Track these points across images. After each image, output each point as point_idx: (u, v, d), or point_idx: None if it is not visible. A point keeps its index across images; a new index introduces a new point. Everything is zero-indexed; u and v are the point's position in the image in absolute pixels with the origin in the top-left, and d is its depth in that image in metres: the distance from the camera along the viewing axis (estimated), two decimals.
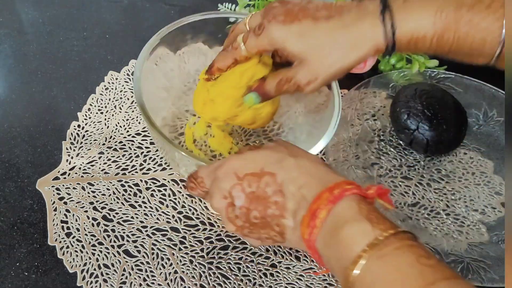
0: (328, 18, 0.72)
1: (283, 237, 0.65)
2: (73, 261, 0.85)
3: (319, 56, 0.73)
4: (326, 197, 0.59)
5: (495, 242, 0.92)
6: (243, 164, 0.66)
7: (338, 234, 0.56)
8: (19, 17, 1.27)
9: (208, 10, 1.26)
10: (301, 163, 0.65)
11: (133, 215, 0.91)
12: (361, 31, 0.70)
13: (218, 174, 0.67)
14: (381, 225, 0.55)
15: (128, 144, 1.01)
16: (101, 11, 1.31)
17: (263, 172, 0.64)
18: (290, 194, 0.63)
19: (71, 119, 1.04)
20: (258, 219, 0.65)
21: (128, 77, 1.13)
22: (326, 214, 0.58)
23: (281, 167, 0.64)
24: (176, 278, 0.84)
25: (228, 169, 0.66)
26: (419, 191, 0.98)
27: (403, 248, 0.53)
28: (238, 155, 0.67)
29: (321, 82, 0.74)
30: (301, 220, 0.61)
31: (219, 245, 0.88)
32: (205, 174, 0.70)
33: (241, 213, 0.65)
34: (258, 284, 0.85)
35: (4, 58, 1.16)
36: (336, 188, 0.59)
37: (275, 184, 0.63)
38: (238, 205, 0.65)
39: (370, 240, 0.54)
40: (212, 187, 0.68)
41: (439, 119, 0.99)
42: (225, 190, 0.66)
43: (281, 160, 0.65)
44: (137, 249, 0.87)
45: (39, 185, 0.93)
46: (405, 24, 0.67)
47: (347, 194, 0.59)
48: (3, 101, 1.07)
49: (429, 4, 0.67)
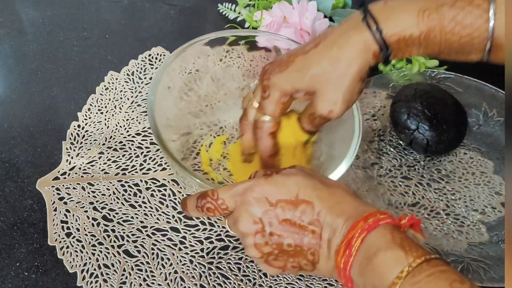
0: (316, 45, 0.73)
1: (314, 266, 0.65)
2: (73, 261, 0.85)
3: (325, 82, 0.73)
4: (360, 226, 0.60)
5: (495, 242, 0.92)
6: (275, 189, 0.65)
7: (372, 262, 0.57)
8: (19, 17, 1.27)
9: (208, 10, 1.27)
10: (335, 192, 0.65)
11: (133, 215, 0.91)
12: (350, 40, 0.70)
13: (247, 197, 0.66)
14: (413, 252, 0.56)
15: (128, 144, 1.01)
16: (101, 11, 1.31)
17: (299, 200, 0.64)
18: (327, 224, 0.63)
19: (71, 119, 1.04)
20: (291, 247, 0.64)
21: (128, 77, 1.13)
22: (360, 242, 0.59)
23: (317, 196, 0.64)
24: (176, 278, 0.84)
25: (259, 194, 0.65)
26: (419, 191, 0.98)
27: (436, 274, 0.53)
28: (267, 180, 0.66)
29: (342, 105, 0.74)
30: (336, 249, 0.62)
31: (219, 245, 0.88)
32: (227, 196, 0.68)
33: (272, 240, 0.65)
34: (258, 284, 0.85)
35: (4, 58, 1.16)
36: (370, 217, 0.60)
37: (313, 213, 0.63)
38: (269, 231, 0.65)
39: (403, 267, 0.54)
40: (240, 211, 0.67)
41: (439, 119, 0.99)
42: (255, 216, 0.65)
43: (316, 188, 0.65)
44: (137, 249, 0.87)
45: (39, 185, 0.93)
46: (390, 25, 0.68)
47: (381, 224, 0.59)
48: (3, 101, 1.07)
49: (410, 6, 0.68)
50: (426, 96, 1.02)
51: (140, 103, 1.08)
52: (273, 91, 0.77)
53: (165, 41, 1.22)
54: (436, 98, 1.01)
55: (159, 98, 0.87)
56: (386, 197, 0.97)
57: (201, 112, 1.03)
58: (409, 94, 1.03)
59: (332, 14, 1.23)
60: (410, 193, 0.98)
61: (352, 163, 0.87)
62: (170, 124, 0.96)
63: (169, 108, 0.96)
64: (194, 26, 1.29)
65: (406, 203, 0.96)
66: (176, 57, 0.92)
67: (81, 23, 1.27)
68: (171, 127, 0.97)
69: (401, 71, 1.14)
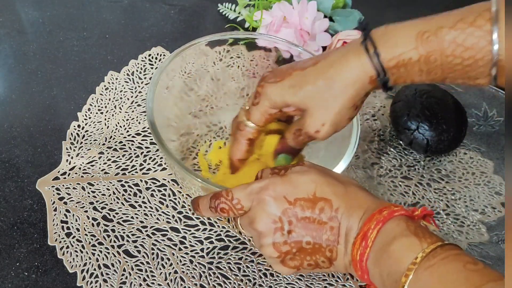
0: (315, 63, 0.73)
1: (331, 263, 0.66)
2: (73, 261, 0.84)
3: (318, 101, 0.73)
4: (376, 218, 0.61)
5: (495, 242, 0.92)
6: (292, 188, 0.66)
7: (388, 250, 0.58)
8: (19, 17, 1.27)
9: (208, 10, 1.27)
10: (349, 188, 0.66)
11: (133, 215, 0.91)
12: (347, 63, 0.70)
13: (263, 197, 0.66)
14: (428, 239, 0.57)
15: (128, 144, 1.01)
16: (101, 11, 1.31)
17: (317, 197, 0.65)
18: (345, 219, 0.64)
19: (71, 119, 1.04)
20: (310, 244, 0.65)
21: (128, 77, 1.13)
22: (376, 233, 0.60)
23: (334, 193, 0.65)
24: (176, 278, 0.84)
25: (276, 193, 0.66)
26: (419, 191, 0.98)
27: (450, 257, 0.55)
28: (282, 179, 0.67)
29: (329, 127, 0.74)
30: (353, 242, 0.63)
31: (219, 245, 0.88)
32: (242, 195, 0.68)
33: (291, 239, 0.65)
34: (258, 284, 0.84)
35: (4, 58, 1.16)
36: (385, 210, 0.61)
37: (331, 210, 0.64)
38: (288, 229, 0.65)
39: (418, 253, 0.56)
40: (257, 210, 0.67)
41: (439, 119, 0.99)
42: (274, 215, 0.65)
43: (332, 185, 0.66)
44: (137, 249, 0.87)
45: (39, 185, 0.93)
46: (388, 50, 0.67)
47: (396, 215, 0.61)
48: (3, 101, 1.07)
49: (409, 29, 0.66)
50: (426, 96, 1.01)
51: (140, 103, 1.08)
52: (263, 100, 0.77)
53: (165, 41, 1.23)
54: (436, 98, 1.01)
55: (159, 98, 0.87)
56: (386, 197, 0.97)
57: (201, 112, 1.03)
58: (409, 94, 1.03)
59: (332, 14, 1.23)
60: (410, 193, 0.98)
61: (352, 163, 0.87)
62: (170, 124, 0.96)
63: (169, 108, 0.96)
64: (194, 26, 1.29)
65: (406, 203, 0.96)
66: (175, 57, 0.92)
67: (81, 23, 1.27)
68: (171, 127, 0.97)
69: None
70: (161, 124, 0.85)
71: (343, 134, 0.85)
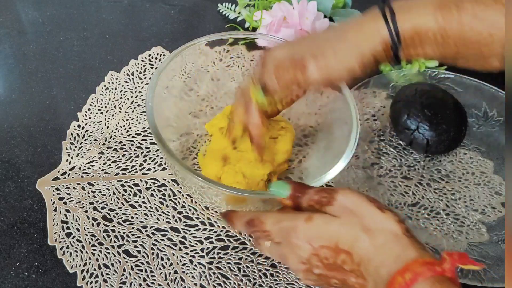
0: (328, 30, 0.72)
1: None
2: (73, 261, 0.84)
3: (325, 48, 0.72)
4: (398, 282, 0.58)
5: (495, 242, 0.91)
6: (316, 234, 0.65)
7: None
8: (19, 17, 1.27)
9: (208, 10, 1.27)
10: (376, 242, 0.63)
11: (133, 215, 0.91)
12: (363, 25, 0.70)
13: (292, 240, 0.66)
14: None
15: (128, 144, 1.01)
16: (101, 11, 1.31)
17: (339, 249, 0.63)
18: (368, 274, 0.62)
19: (71, 119, 1.04)
20: (338, 283, 0.65)
21: (128, 77, 1.13)
22: None
23: (357, 247, 0.63)
24: (176, 278, 0.84)
25: (302, 238, 0.65)
26: (419, 191, 0.98)
27: None
28: (309, 224, 0.65)
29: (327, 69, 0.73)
30: None
31: (219, 245, 0.88)
32: (274, 230, 0.68)
33: (320, 277, 0.66)
34: (258, 284, 0.84)
35: (4, 58, 1.16)
36: (408, 272, 0.58)
37: (352, 263, 0.63)
38: (317, 272, 0.65)
39: None
40: (287, 250, 0.67)
41: (439, 119, 0.99)
42: (302, 257, 0.65)
43: (356, 239, 0.63)
44: (137, 249, 0.87)
45: (39, 185, 0.93)
46: (407, 19, 0.67)
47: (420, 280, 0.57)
48: (3, 101, 1.07)
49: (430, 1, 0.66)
50: (426, 96, 1.01)
51: (140, 103, 1.08)
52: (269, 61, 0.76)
53: (165, 41, 1.22)
54: (436, 98, 1.01)
55: (159, 98, 0.87)
56: (386, 197, 0.96)
57: (201, 112, 1.03)
58: (409, 94, 1.03)
59: (332, 14, 1.23)
60: (410, 193, 0.97)
61: (352, 163, 0.87)
62: (170, 124, 0.96)
63: (169, 108, 0.96)
64: (194, 26, 1.28)
65: (406, 203, 0.96)
66: (175, 57, 0.91)
67: (81, 23, 1.27)
68: (171, 127, 0.97)
69: (401, 71, 1.13)
70: (161, 124, 0.85)
71: (342, 134, 0.85)
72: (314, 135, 0.99)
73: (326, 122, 0.96)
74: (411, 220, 0.93)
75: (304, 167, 0.98)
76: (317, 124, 0.99)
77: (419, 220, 0.94)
